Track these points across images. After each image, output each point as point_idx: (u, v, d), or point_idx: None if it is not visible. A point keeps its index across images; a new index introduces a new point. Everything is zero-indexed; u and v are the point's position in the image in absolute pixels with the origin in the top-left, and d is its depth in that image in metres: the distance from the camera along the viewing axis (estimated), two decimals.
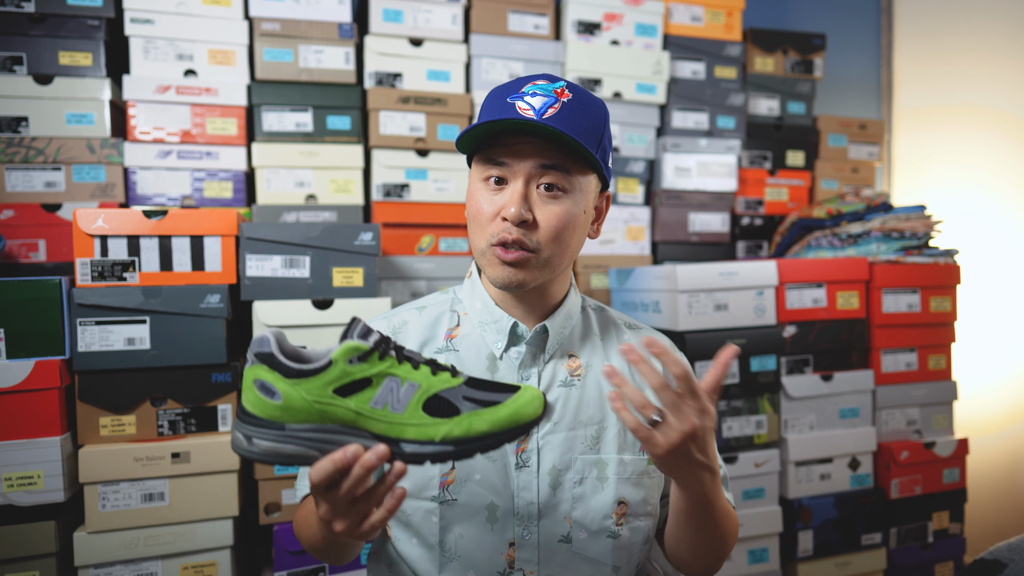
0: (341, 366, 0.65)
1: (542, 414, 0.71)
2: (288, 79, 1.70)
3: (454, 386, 0.70)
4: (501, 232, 0.85)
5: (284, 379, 0.65)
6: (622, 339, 0.99)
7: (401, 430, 0.67)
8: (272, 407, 0.65)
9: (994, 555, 1.04)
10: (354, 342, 0.66)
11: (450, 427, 0.68)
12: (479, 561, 0.87)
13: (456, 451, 0.68)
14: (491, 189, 0.87)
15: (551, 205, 0.86)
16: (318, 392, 0.65)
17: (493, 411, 0.69)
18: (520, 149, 0.84)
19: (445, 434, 0.67)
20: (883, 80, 2.58)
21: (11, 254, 1.53)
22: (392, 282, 1.76)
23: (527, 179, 0.85)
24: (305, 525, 0.89)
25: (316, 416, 0.65)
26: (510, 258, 0.85)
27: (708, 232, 2.06)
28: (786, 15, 2.45)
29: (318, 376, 0.65)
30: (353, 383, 0.66)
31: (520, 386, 0.73)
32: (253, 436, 0.65)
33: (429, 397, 0.68)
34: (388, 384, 0.67)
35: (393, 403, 0.67)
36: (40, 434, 1.24)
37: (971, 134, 2.49)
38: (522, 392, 0.71)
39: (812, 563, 1.71)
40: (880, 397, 1.78)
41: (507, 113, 0.83)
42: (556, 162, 0.85)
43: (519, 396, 0.71)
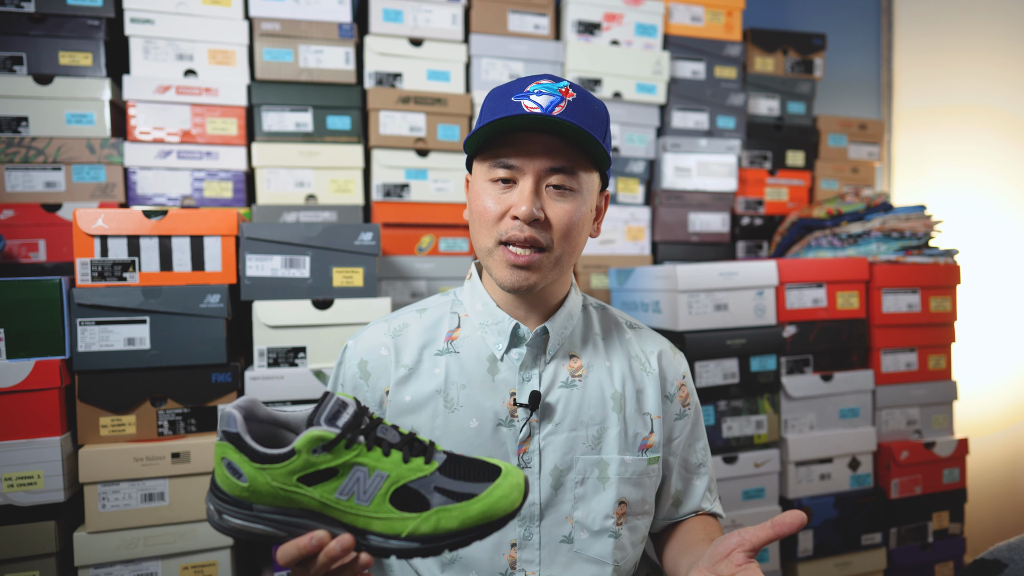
0: (304, 456, 0.63)
1: (520, 505, 0.67)
2: (288, 79, 1.70)
3: (426, 475, 0.66)
4: (511, 231, 0.84)
5: (249, 462, 0.63)
6: (623, 339, 0.99)
7: (367, 522, 0.65)
8: (239, 487, 0.63)
9: (994, 555, 1.04)
10: (319, 431, 0.63)
11: (417, 523, 0.65)
12: (481, 562, 0.87)
13: (422, 548, 0.65)
14: (498, 188, 0.86)
15: (561, 203, 0.86)
16: (283, 479, 0.63)
17: (464, 507, 0.65)
18: (529, 148, 0.84)
19: (412, 530, 0.65)
20: (883, 80, 2.58)
21: (11, 254, 1.53)
22: (392, 282, 1.76)
23: (536, 178, 0.85)
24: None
25: (282, 501, 0.64)
26: (522, 261, 0.85)
27: (708, 232, 2.06)
28: (786, 15, 2.45)
29: (282, 464, 0.63)
30: (318, 473, 0.63)
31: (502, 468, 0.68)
32: (224, 512, 0.65)
33: (397, 488, 0.65)
34: (354, 474, 0.64)
35: (359, 494, 0.64)
36: (40, 434, 1.24)
37: (971, 134, 2.49)
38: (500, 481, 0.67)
39: (812, 563, 1.71)
40: (880, 397, 1.78)
41: (514, 111, 0.83)
42: (565, 164, 0.85)
43: (495, 488, 0.66)
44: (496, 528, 0.66)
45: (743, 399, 1.64)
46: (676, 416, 0.99)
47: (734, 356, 1.61)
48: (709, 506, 1.02)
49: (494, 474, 0.68)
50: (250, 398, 0.67)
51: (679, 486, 1.00)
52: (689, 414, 1.00)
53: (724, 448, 1.63)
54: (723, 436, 1.62)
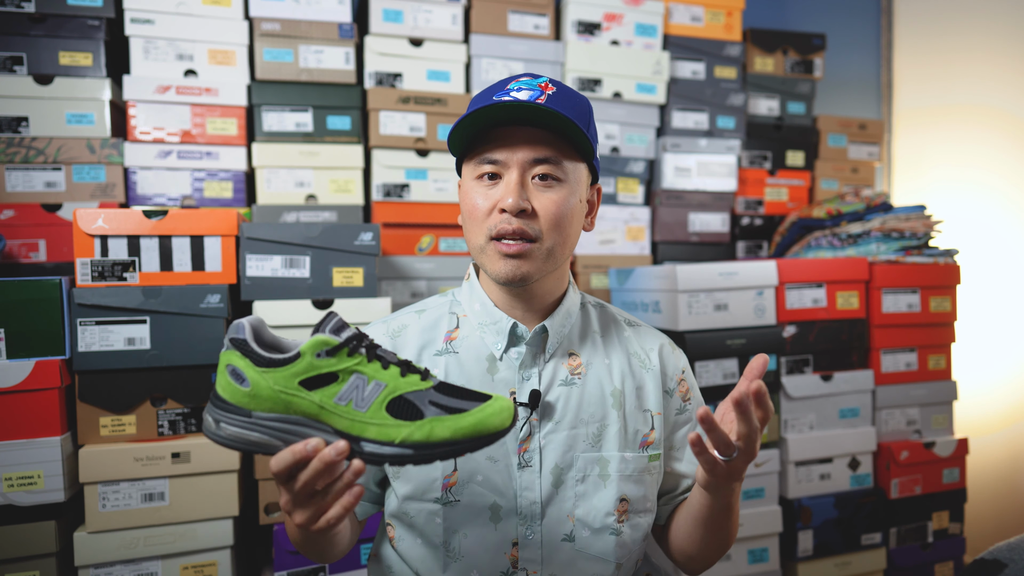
0: (308, 359, 0.65)
1: (510, 425, 0.70)
2: (288, 79, 1.70)
3: (421, 389, 0.69)
4: (500, 224, 0.84)
5: (254, 366, 0.65)
6: (622, 336, 0.99)
7: (362, 428, 0.67)
8: (241, 393, 0.65)
9: (994, 555, 1.04)
10: (324, 336, 0.66)
11: (411, 430, 0.67)
12: (482, 561, 0.87)
13: (414, 455, 0.67)
14: (485, 185, 0.87)
15: (547, 193, 0.86)
16: (284, 382, 0.65)
17: (457, 418, 0.68)
18: (511, 141, 0.85)
19: (405, 437, 0.67)
20: (883, 80, 2.58)
21: (11, 254, 1.53)
22: (392, 282, 1.76)
23: (521, 170, 0.85)
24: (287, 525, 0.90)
25: (282, 406, 0.66)
26: (513, 250, 0.85)
27: (708, 232, 2.06)
28: (786, 15, 2.45)
29: (286, 367, 0.65)
30: (319, 376, 0.66)
31: (492, 396, 0.71)
32: (221, 420, 0.66)
33: (394, 398, 0.68)
34: (354, 381, 0.67)
35: (357, 400, 0.67)
36: (40, 434, 1.24)
37: (971, 134, 2.49)
38: (491, 402, 0.70)
39: (812, 563, 1.71)
40: (880, 397, 1.78)
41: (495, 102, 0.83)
42: (548, 155, 0.85)
43: (487, 406, 0.69)
44: (486, 443, 0.69)
45: None
46: (677, 411, 0.98)
47: (734, 356, 1.61)
48: None
49: (485, 398, 0.71)
50: (259, 317, 0.69)
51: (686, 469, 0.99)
52: (690, 409, 1.00)
53: None
54: None
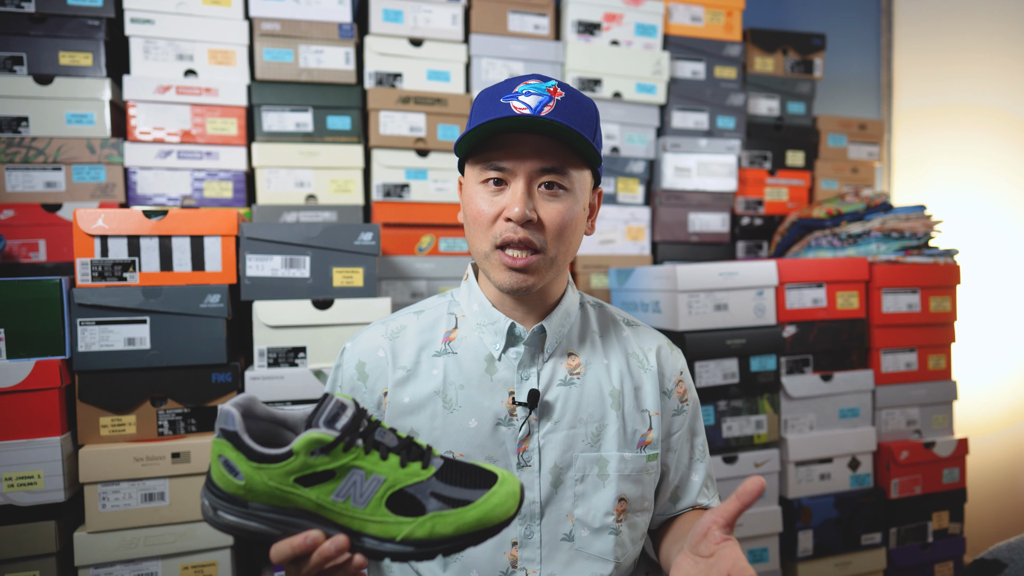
0: (302, 458, 0.63)
1: (515, 513, 0.68)
2: (288, 79, 1.70)
3: (422, 480, 0.66)
4: (505, 232, 0.84)
5: (247, 460, 0.63)
6: (620, 336, 1.00)
7: (363, 525, 0.65)
8: (235, 485, 0.64)
9: (994, 555, 1.04)
10: (318, 433, 0.63)
11: (412, 528, 0.65)
12: (482, 561, 0.87)
13: (416, 552, 0.65)
14: (490, 191, 0.86)
15: (553, 203, 0.86)
16: (279, 479, 0.63)
17: (459, 514, 0.66)
18: (519, 149, 0.84)
19: (407, 535, 0.65)
20: (883, 80, 2.58)
21: (11, 254, 1.53)
22: (392, 282, 1.76)
23: (528, 179, 0.85)
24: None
25: (278, 500, 0.64)
26: (519, 264, 0.85)
27: (708, 232, 2.06)
28: (786, 15, 2.45)
29: (279, 464, 0.63)
30: (315, 475, 0.64)
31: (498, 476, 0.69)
32: (219, 508, 0.65)
33: (394, 492, 0.65)
34: (351, 476, 0.65)
35: (355, 497, 0.65)
36: (40, 434, 1.24)
37: (971, 134, 2.49)
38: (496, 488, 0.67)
39: (812, 563, 1.71)
40: (880, 397, 1.78)
41: (503, 112, 0.83)
42: (555, 164, 0.85)
43: (491, 495, 0.67)
44: (491, 535, 0.67)
45: (743, 399, 1.64)
46: (674, 412, 0.99)
47: (734, 356, 1.62)
48: (706, 501, 1.02)
49: (490, 481, 0.68)
50: (249, 395, 0.67)
51: (677, 482, 1.00)
52: (687, 410, 1.00)
53: (724, 448, 1.63)
54: (723, 436, 1.62)
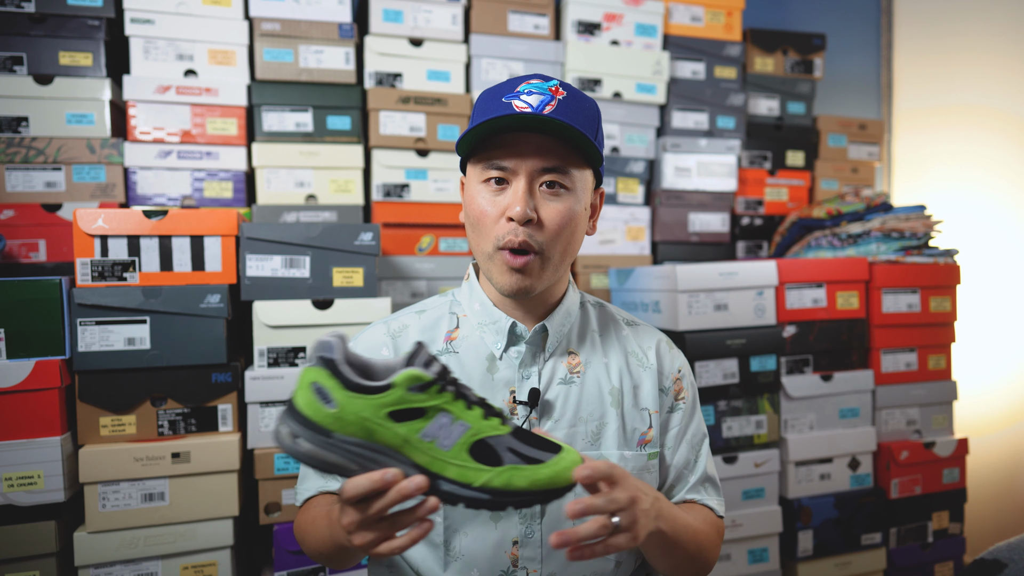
0: (400, 392, 0.65)
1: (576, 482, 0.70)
2: (288, 79, 1.70)
3: (501, 434, 0.69)
4: (507, 235, 0.85)
5: (343, 389, 0.64)
6: (620, 335, 0.99)
7: (443, 467, 0.67)
8: (325, 413, 0.64)
9: (994, 555, 1.04)
10: (417, 370, 0.65)
11: (491, 476, 0.67)
12: (483, 560, 0.87)
13: (491, 501, 0.67)
14: (492, 190, 0.86)
15: (554, 203, 0.86)
16: (372, 411, 0.64)
17: (534, 470, 0.68)
18: (520, 148, 0.84)
19: (485, 482, 0.67)
20: (883, 80, 2.58)
21: (11, 254, 1.53)
22: (392, 282, 1.76)
23: (529, 178, 0.85)
24: (311, 529, 0.89)
25: (364, 433, 0.65)
26: (519, 264, 0.85)
27: (708, 232, 2.06)
28: (786, 15, 2.45)
29: (376, 396, 0.64)
30: (408, 411, 0.65)
31: (562, 447, 0.71)
32: (299, 436, 0.65)
33: (476, 441, 0.68)
34: (440, 419, 0.67)
35: (442, 439, 0.67)
36: (40, 434, 1.24)
37: (971, 134, 2.49)
38: (563, 455, 0.70)
39: (812, 563, 1.71)
40: (880, 397, 1.78)
41: (505, 111, 0.83)
42: (556, 163, 0.85)
43: (561, 459, 0.69)
44: (556, 496, 0.69)
45: (743, 399, 1.64)
46: (670, 409, 0.98)
47: (734, 356, 1.62)
48: (699, 497, 0.99)
49: (556, 448, 0.71)
50: (341, 333, 0.68)
51: (672, 480, 0.99)
52: (683, 407, 0.99)
53: (724, 448, 1.63)
54: (723, 436, 1.62)
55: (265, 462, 1.39)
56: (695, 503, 0.99)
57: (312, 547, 0.89)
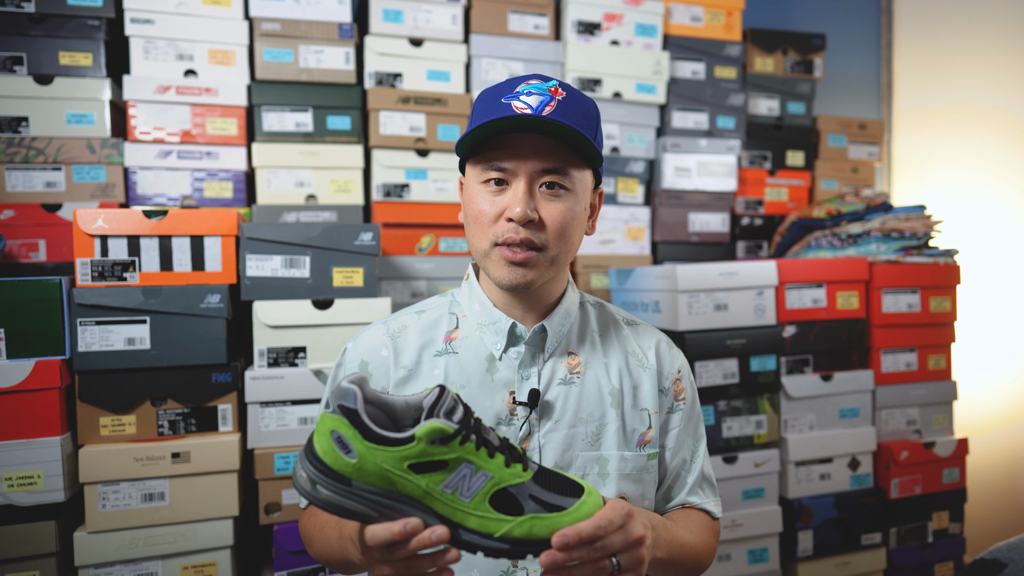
0: (423, 445, 0.64)
1: None
2: (288, 79, 1.70)
3: (523, 481, 0.69)
4: (507, 233, 0.85)
5: (363, 440, 0.64)
6: (620, 335, 0.99)
7: (464, 517, 0.67)
8: (345, 463, 0.64)
9: (994, 555, 1.04)
10: (440, 423, 0.65)
11: (511, 526, 0.67)
12: (483, 561, 0.87)
13: (511, 550, 0.67)
14: (491, 191, 0.86)
15: (554, 203, 0.86)
16: (393, 463, 0.64)
17: (556, 518, 0.68)
18: (520, 149, 0.84)
19: (506, 532, 0.67)
20: (883, 80, 2.58)
21: (11, 254, 1.53)
22: (392, 282, 1.76)
23: (529, 179, 0.85)
24: (319, 536, 0.89)
25: (385, 483, 0.65)
26: (519, 258, 0.85)
27: (708, 232, 2.06)
28: (786, 15, 2.45)
29: (398, 448, 0.64)
30: (430, 463, 0.65)
31: (584, 486, 0.71)
32: (318, 483, 0.65)
33: (498, 490, 0.68)
34: (462, 470, 0.66)
35: (463, 490, 0.67)
36: (40, 434, 1.24)
37: (971, 134, 2.49)
38: (585, 499, 0.70)
39: (812, 563, 1.71)
40: (880, 397, 1.78)
41: (504, 112, 0.83)
42: (556, 164, 0.85)
43: (581, 504, 0.69)
44: None
45: (743, 399, 1.64)
46: (669, 409, 0.98)
47: (734, 356, 1.62)
48: (697, 500, 1.00)
49: (579, 490, 0.71)
50: (360, 375, 0.68)
51: (670, 481, 0.99)
52: (682, 408, 0.99)
53: (724, 448, 1.63)
54: (723, 436, 1.62)
55: (265, 462, 1.39)
56: (693, 508, 1.00)
57: (319, 553, 0.89)
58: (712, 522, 0.99)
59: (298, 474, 0.66)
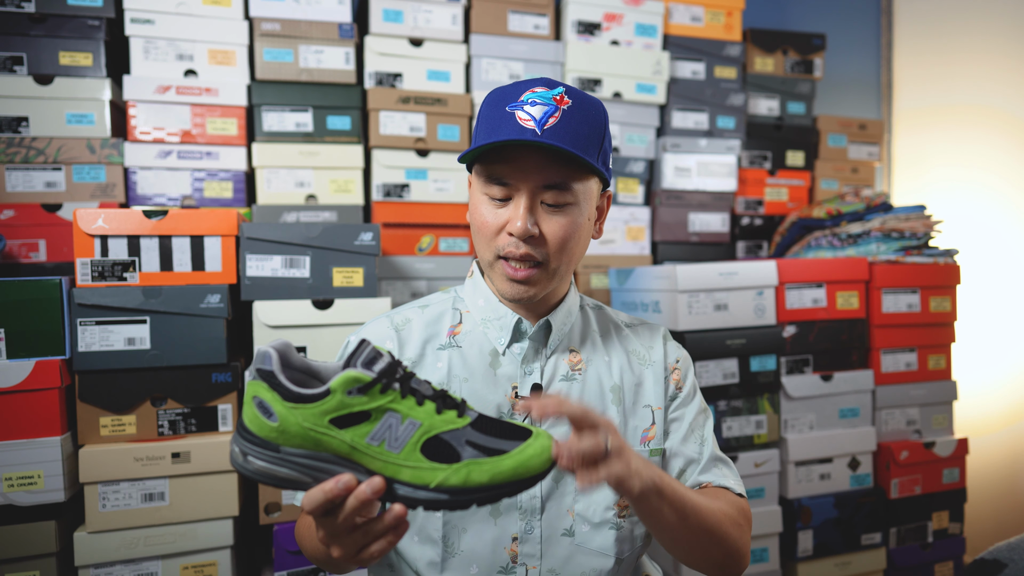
0: (339, 397, 0.62)
1: (550, 467, 0.66)
2: (288, 79, 1.70)
3: (458, 428, 0.65)
4: (507, 247, 0.85)
5: (282, 401, 0.62)
6: (621, 336, 1.00)
7: (396, 470, 0.63)
8: (268, 427, 0.62)
9: (994, 555, 1.04)
10: (355, 372, 0.62)
11: (447, 474, 0.63)
12: (482, 556, 0.87)
13: (450, 500, 0.63)
14: (494, 203, 0.87)
15: (556, 217, 0.86)
16: (314, 420, 0.61)
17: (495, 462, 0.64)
18: (522, 165, 0.84)
19: (441, 481, 0.63)
20: (883, 80, 2.58)
21: (11, 254, 1.53)
22: (392, 282, 1.76)
23: (531, 194, 0.85)
24: (307, 535, 0.89)
25: (311, 443, 0.62)
26: (520, 276, 0.86)
27: (708, 232, 2.06)
28: (786, 15, 2.45)
29: (315, 404, 0.62)
30: (351, 415, 0.62)
31: (532, 430, 0.67)
32: (249, 454, 0.63)
33: (429, 438, 0.64)
34: (387, 420, 0.63)
35: (390, 441, 0.63)
36: (40, 434, 1.24)
37: (971, 134, 2.49)
38: (531, 441, 0.66)
39: (812, 563, 1.71)
40: (880, 397, 1.78)
41: (507, 124, 0.83)
42: (558, 180, 0.85)
43: (527, 446, 0.65)
44: (525, 487, 0.65)
45: (743, 399, 1.64)
46: (671, 398, 0.98)
47: (734, 356, 1.62)
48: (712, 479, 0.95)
49: (524, 434, 0.67)
50: (284, 341, 0.66)
51: (681, 467, 0.96)
52: (683, 396, 0.99)
53: (724, 448, 1.63)
54: (723, 436, 1.62)
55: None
56: (710, 485, 0.95)
57: (310, 553, 0.89)
58: (735, 497, 0.92)
59: (231, 449, 0.64)
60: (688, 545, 0.84)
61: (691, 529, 0.81)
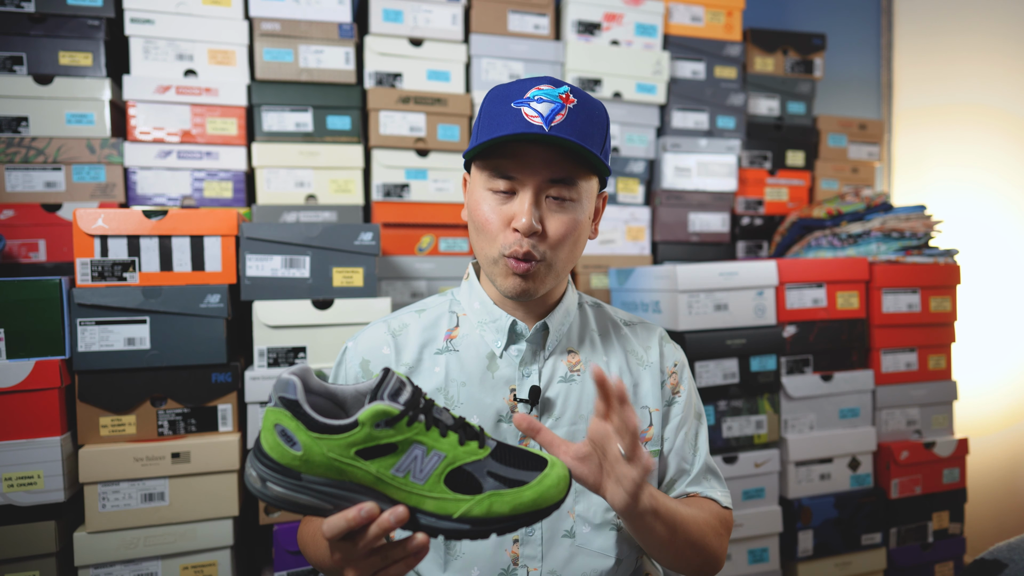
0: (367, 429, 0.62)
1: (565, 496, 0.68)
2: (288, 79, 1.70)
3: (480, 459, 0.66)
4: (513, 245, 0.85)
5: (306, 431, 0.62)
6: (620, 335, 1.00)
7: (420, 500, 0.64)
8: (291, 456, 0.62)
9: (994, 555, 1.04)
10: (384, 405, 0.63)
11: (470, 506, 0.65)
12: (483, 558, 0.87)
13: (472, 531, 0.65)
14: (498, 198, 0.87)
15: (560, 214, 0.86)
16: (340, 451, 0.62)
17: (516, 493, 0.65)
18: (529, 160, 0.84)
19: (464, 512, 0.64)
20: (883, 80, 2.58)
21: (11, 254, 1.53)
22: (392, 282, 1.76)
23: (536, 189, 0.85)
24: (312, 543, 0.89)
25: (334, 472, 0.63)
26: (521, 270, 0.86)
27: (708, 232, 2.06)
28: (786, 15, 2.45)
29: (342, 436, 0.62)
30: (377, 447, 0.63)
31: (547, 459, 0.69)
32: (268, 480, 0.63)
33: (453, 469, 0.65)
34: (412, 451, 0.64)
35: (415, 472, 0.64)
36: (40, 434, 1.24)
37: (971, 134, 2.49)
38: (548, 472, 0.68)
39: (812, 563, 1.71)
40: (880, 397, 1.78)
41: (514, 120, 0.83)
42: (564, 175, 0.85)
43: (544, 477, 0.67)
44: (543, 516, 0.67)
45: (743, 399, 1.64)
46: (668, 402, 0.99)
47: (734, 356, 1.61)
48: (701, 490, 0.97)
49: (541, 464, 0.68)
50: (304, 367, 0.66)
51: (674, 472, 0.98)
52: (679, 400, 0.99)
53: (724, 448, 1.63)
54: (723, 436, 1.62)
55: None
56: (697, 496, 0.97)
57: (314, 561, 0.89)
58: (720, 509, 0.96)
59: (248, 473, 0.64)
60: (673, 555, 0.86)
61: (678, 543, 0.83)
